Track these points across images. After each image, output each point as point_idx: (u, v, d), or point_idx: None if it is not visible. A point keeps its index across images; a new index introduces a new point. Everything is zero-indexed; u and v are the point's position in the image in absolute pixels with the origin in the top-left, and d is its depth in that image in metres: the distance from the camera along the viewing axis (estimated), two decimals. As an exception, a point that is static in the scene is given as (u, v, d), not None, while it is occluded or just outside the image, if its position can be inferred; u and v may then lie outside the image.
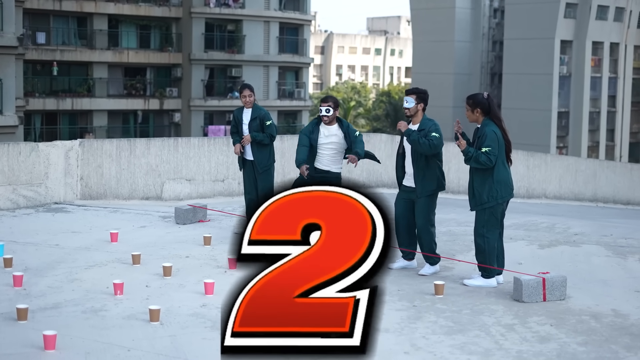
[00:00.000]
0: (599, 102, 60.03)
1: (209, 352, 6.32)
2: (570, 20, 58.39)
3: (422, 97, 8.76)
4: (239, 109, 10.80)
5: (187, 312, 7.34)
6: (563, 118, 59.03)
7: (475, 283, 8.34)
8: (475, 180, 8.06)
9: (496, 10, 65.42)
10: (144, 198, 13.56)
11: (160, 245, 10.09)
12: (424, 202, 8.70)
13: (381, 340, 6.65)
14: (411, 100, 8.68)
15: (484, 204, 8.03)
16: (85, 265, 8.98)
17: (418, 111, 8.72)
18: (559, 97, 58.46)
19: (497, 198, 8.02)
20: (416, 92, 8.79)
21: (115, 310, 7.36)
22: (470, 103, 8.12)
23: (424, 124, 8.66)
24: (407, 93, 8.81)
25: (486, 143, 7.88)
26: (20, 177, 12.42)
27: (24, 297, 7.69)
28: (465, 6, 64.44)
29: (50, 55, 44.63)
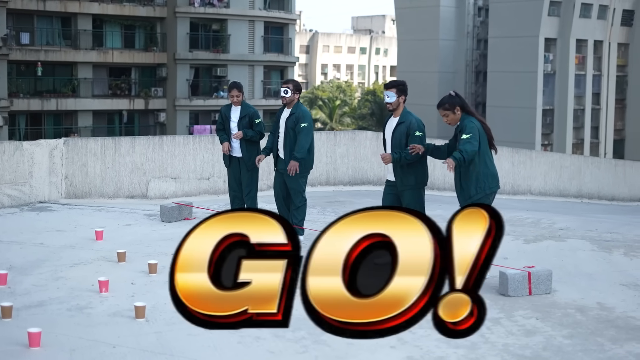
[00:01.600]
0: (583, 100, 60.27)
1: (194, 347, 6.31)
2: (554, 18, 58.59)
3: (403, 89, 8.68)
4: (226, 106, 10.80)
5: (173, 309, 7.26)
6: (548, 116, 59.23)
7: None
8: (462, 174, 7.92)
9: (480, 9, 65.58)
10: (129, 197, 13.50)
11: (146, 243, 10.06)
12: (408, 195, 8.64)
13: (367, 335, 6.67)
14: (392, 95, 8.59)
15: (472, 197, 7.86)
16: (70, 264, 8.94)
17: (400, 104, 8.64)
18: (544, 95, 58.66)
19: (485, 189, 7.90)
20: (396, 85, 8.69)
21: (101, 308, 7.33)
22: (446, 107, 7.96)
23: (405, 117, 8.59)
24: (386, 87, 8.70)
25: (465, 131, 7.77)
26: (4, 176, 12.35)
27: (9, 295, 7.65)
28: (449, 5, 64.55)
29: (34, 56, 44.44)
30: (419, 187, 8.67)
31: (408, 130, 8.48)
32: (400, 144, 8.51)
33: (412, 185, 8.60)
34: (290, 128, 9.79)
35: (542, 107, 58.44)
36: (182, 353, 6.19)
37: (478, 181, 7.83)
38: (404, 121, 8.55)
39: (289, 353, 6.23)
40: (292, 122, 9.80)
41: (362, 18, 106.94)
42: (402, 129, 8.52)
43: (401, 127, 8.53)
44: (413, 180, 8.59)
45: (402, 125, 8.53)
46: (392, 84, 8.69)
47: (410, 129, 8.47)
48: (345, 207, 13.54)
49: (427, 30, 64.43)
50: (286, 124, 9.79)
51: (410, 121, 8.53)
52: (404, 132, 8.50)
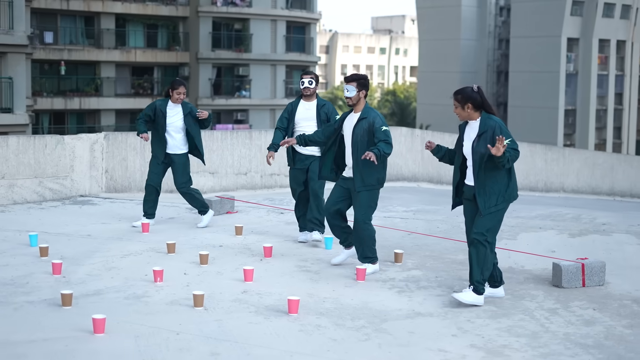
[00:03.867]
0: (605, 100, 60.03)
1: (256, 335, 6.34)
2: (576, 18, 58.39)
3: (363, 83, 8.27)
4: (162, 101, 10.39)
5: (230, 298, 7.35)
6: (570, 116, 59.04)
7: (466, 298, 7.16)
8: (488, 178, 7.07)
9: (502, 9, 65.43)
10: (168, 191, 13.54)
11: (192, 235, 10.12)
12: (364, 197, 8.18)
13: (427, 324, 6.71)
14: (352, 89, 8.19)
15: (497, 205, 7.09)
16: (120, 255, 9.00)
17: (360, 99, 8.25)
18: (566, 95, 58.48)
19: (509, 199, 7.19)
20: (356, 78, 8.27)
21: (158, 297, 7.37)
22: (459, 98, 7.14)
23: (366, 113, 8.21)
24: (346, 81, 8.30)
25: (505, 134, 6.97)
26: (46, 170, 12.44)
27: (65, 284, 7.71)
28: (471, 4, 64.46)
29: (57, 55, 44.71)
30: (378, 187, 8.29)
31: (370, 126, 8.12)
32: (363, 140, 8.12)
33: (372, 184, 8.19)
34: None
35: (564, 108, 58.26)
36: (246, 340, 6.22)
37: (507, 189, 7.13)
38: (365, 117, 8.20)
39: (352, 341, 6.25)
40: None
41: (382, 18, 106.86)
42: (363, 125, 8.16)
43: (363, 122, 8.17)
44: (375, 179, 8.19)
45: (363, 121, 8.18)
46: (352, 78, 8.29)
47: (375, 124, 8.12)
48: (384, 202, 13.55)
49: (448, 30, 64.36)
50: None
51: (373, 117, 8.18)
52: (366, 128, 8.13)
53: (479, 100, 7.08)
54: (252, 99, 49.88)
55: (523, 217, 12.25)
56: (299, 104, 9.54)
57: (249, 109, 50.01)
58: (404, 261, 8.91)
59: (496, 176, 7.05)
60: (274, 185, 14.88)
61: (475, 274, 7.14)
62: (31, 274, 8.09)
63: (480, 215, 7.10)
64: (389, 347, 6.12)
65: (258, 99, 50.04)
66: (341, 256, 8.72)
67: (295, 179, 9.70)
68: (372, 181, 8.18)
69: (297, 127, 9.48)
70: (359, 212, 8.23)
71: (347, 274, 8.32)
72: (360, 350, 6.05)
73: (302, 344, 6.16)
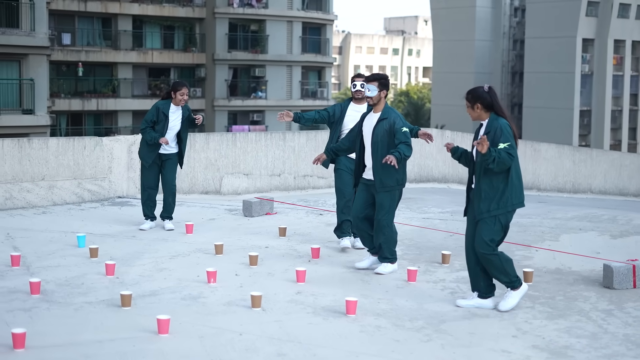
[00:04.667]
0: (621, 101, 59.94)
1: (318, 335, 6.40)
2: (591, 19, 58.32)
3: (385, 83, 8.22)
4: (164, 103, 10.31)
5: (285, 299, 7.42)
6: (585, 117, 58.97)
7: (513, 302, 7.12)
8: (485, 183, 6.91)
9: (517, 9, 65.39)
10: (204, 192, 13.64)
11: (236, 236, 10.19)
12: (385, 197, 8.20)
13: (485, 325, 6.75)
14: (374, 88, 8.15)
15: (491, 211, 6.89)
16: (168, 255, 9.08)
17: (381, 99, 8.22)
18: (581, 96, 58.42)
19: (507, 206, 6.90)
20: (378, 78, 8.23)
21: (214, 298, 7.44)
22: (469, 98, 7.04)
23: (387, 113, 8.20)
24: (368, 80, 8.24)
25: (503, 138, 6.79)
26: (85, 171, 12.53)
27: (120, 285, 7.79)
28: (485, 5, 64.44)
29: (75, 56, 44.87)
30: (398, 188, 8.26)
31: (391, 127, 8.09)
32: (383, 141, 8.11)
33: (391, 186, 8.19)
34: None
35: (579, 108, 58.20)
36: (309, 341, 6.28)
37: (503, 195, 6.87)
38: (386, 117, 8.16)
39: (414, 342, 6.31)
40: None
41: (395, 19, 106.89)
42: (384, 126, 8.13)
43: (383, 123, 8.14)
44: (394, 181, 8.19)
45: (384, 122, 8.14)
46: (373, 77, 8.24)
47: (395, 125, 8.09)
48: (418, 203, 13.62)
49: (463, 31, 64.35)
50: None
51: (393, 118, 8.15)
52: (387, 128, 8.11)
53: (489, 101, 6.95)
54: (268, 100, 49.95)
55: (560, 218, 12.28)
56: (348, 107, 9.28)
57: (265, 109, 50.08)
58: (451, 262, 8.96)
59: (492, 181, 6.88)
60: (307, 187, 14.95)
61: (502, 279, 7.07)
62: (84, 274, 8.17)
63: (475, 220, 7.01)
64: (452, 348, 6.17)
65: (274, 100, 50.11)
66: (365, 262, 8.62)
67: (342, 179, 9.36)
68: (391, 182, 8.17)
69: (345, 129, 9.18)
70: (380, 213, 8.24)
71: (397, 276, 8.37)
72: (424, 351, 6.10)
73: (366, 345, 6.22)
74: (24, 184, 12.03)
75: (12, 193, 11.92)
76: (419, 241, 10.15)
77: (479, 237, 6.96)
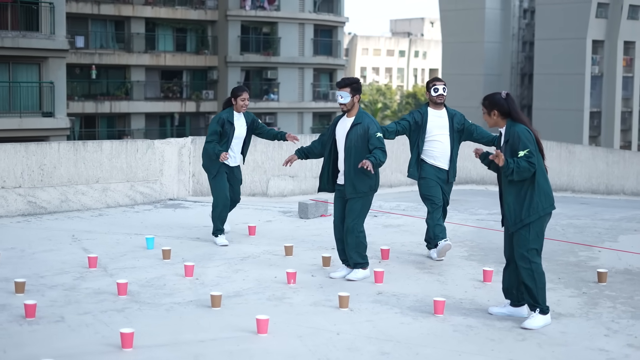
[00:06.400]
0: (630, 102, 60.08)
1: (414, 334, 6.50)
2: (601, 20, 58.45)
3: (357, 87, 8.03)
4: (227, 112, 9.78)
5: (369, 300, 7.52)
6: (595, 118, 59.09)
7: (536, 323, 6.73)
8: (509, 193, 6.74)
9: (526, 11, 65.51)
10: (251, 194, 13.75)
11: (300, 237, 10.30)
12: (356, 204, 8.04)
13: (573, 324, 6.85)
14: (346, 95, 7.96)
15: (524, 220, 6.69)
16: (238, 257, 9.18)
17: (354, 104, 8.03)
18: (591, 97, 58.52)
19: (539, 211, 6.68)
20: (349, 83, 8.02)
21: (298, 298, 7.54)
22: (486, 104, 6.85)
23: (360, 118, 8.01)
24: (339, 86, 8.01)
25: (522, 145, 6.62)
26: (137, 174, 12.65)
27: (201, 286, 7.89)
28: (494, 7, 64.56)
29: (88, 59, 45.00)
30: (371, 193, 8.10)
31: (365, 132, 7.94)
32: (357, 146, 7.94)
33: (364, 192, 8.03)
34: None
35: (589, 110, 58.30)
36: (407, 340, 6.38)
37: (532, 202, 6.67)
38: (360, 122, 7.99)
39: (510, 341, 6.41)
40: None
41: (401, 21, 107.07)
42: (358, 131, 7.96)
43: (357, 128, 7.97)
44: (367, 187, 8.03)
45: (358, 127, 7.97)
46: (344, 83, 8.03)
47: (370, 130, 7.93)
48: (463, 205, 13.73)
49: (472, 33, 64.46)
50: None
51: (367, 122, 7.99)
52: (361, 133, 7.95)
53: (506, 108, 6.73)
54: (280, 102, 50.07)
55: (608, 219, 12.39)
56: (428, 112, 8.97)
57: (277, 112, 50.20)
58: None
59: (519, 189, 6.70)
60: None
61: (534, 298, 6.77)
62: (163, 276, 8.27)
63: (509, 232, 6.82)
64: (549, 347, 6.27)
65: (286, 102, 50.24)
66: (341, 272, 8.35)
67: (431, 184, 9.00)
68: (364, 188, 8.01)
69: (430, 136, 8.91)
70: (350, 218, 8.05)
71: (471, 276, 8.48)
72: (523, 350, 6.20)
73: (463, 344, 6.32)
74: (79, 186, 12.15)
75: (67, 195, 12.03)
76: (480, 242, 10.26)
77: (517, 250, 6.75)
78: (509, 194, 6.73)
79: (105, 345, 6.09)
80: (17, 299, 7.29)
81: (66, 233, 10.36)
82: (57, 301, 7.28)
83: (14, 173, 11.63)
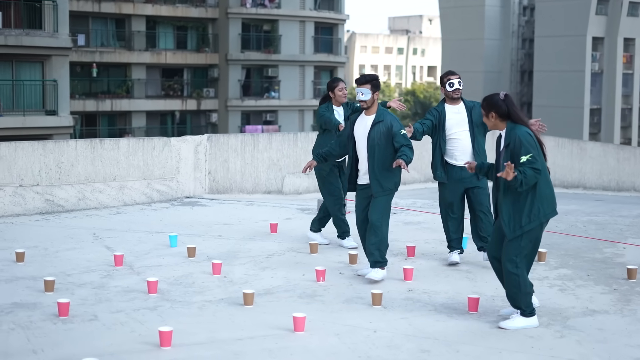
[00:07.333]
0: (630, 99, 60.11)
1: (451, 332, 6.47)
2: (601, 17, 58.46)
3: (376, 84, 7.86)
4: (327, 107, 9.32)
5: (400, 297, 7.49)
6: (595, 115, 59.12)
7: (515, 325, 6.58)
8: (507, 199, 6.49)
9: (525, 8, 65.52)
10: (266, 192, 13.71)
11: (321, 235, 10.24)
12: (382, 201, 7.91)
13: (609, 321, 6.82)
14: (367, 91, 7.78)
15: (524, 226, 6.44)
16: (263, 255, 9.14)
17: (374, 101, 7.87)
18: (591, 94, 58.53)
19: (540, 217, 6.44)
20: (369, 80, 7.85)
21: (329, 296, 7.51)
22: (484, 106, 6.59)
23: (382, 116, 7.86)
24: (359, 83, 7.86)
25: (524, 150, 6.35)
26: (154, 171, 12.61)
27: (230, 284, 7.86)
28: (494, 4, 64.55)
29: (89, 57, 44.89)
30: (394, 191, 7.99)
31: (389, 130, 7.77)
32: (380, 144, 7.78)
33: (390, 189, 7.90)
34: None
35: (589, 107, 58.31)
36: (445, 337, 6.35)
37: (532, 207, 6.43)
38: (382, 120, 7.81)
39: (549, 338, 6.38)
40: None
41: (399, 18, 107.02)
42: (381, 129, 7.79)
43: (380, 126, 7.79)
44: (393, 184, 7.91)
45: (380, 125, 7.80)
46: (364, 79, 7.85)
47: (394, 128, 7.77)
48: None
49: (471, 30, 64.46)
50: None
51: (390, 120, 7.82)
52: (384, 131, 7.77)
53: (504, 109, 6.49)
54: (281, 100, 50.02)
55: (626, 216, 12.38)
56: (445, 110, 8.58)
57: (278, 110, 50.16)
58: (547, 259, 9.04)
59: (519, 195, 6.44)
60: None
61: (517, 303, 6.61)
62: (190, 274, 8.23)
63: (507, 239, 6.54)
64: (589, 344, 6.24)
65: (287, 100, 50.19)
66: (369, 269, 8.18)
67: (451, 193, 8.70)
68: (390, 185, 7.88)
69: (449, 134, 8.55)
70: (376, 215, 7.88)
71: (499, 273, 8.44)
72: (563, 347, 6.17)
73: (502, 341, 6.29)
74: (96, 184, 12.10)
75: (84, 194, 11.98)
76: (503, 239, 10.22)
77: (506, 253, 6.52)
78: (507, 200, 6.47)
79: (143, 344, 6.05)
80: (47, 298, 7.25)
81: (86, 231, 10.31)
82: (87, 299, 7.24)
83: (31, 171, 11.59)
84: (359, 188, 8.07)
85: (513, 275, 6.50)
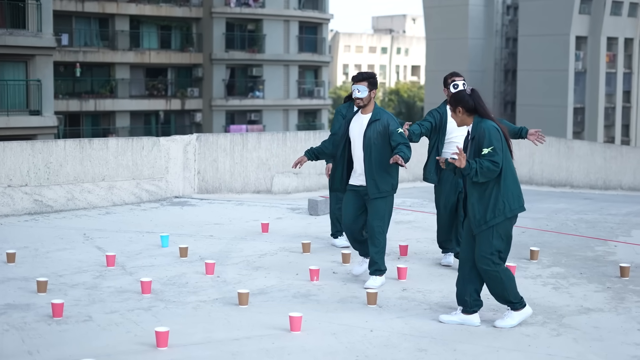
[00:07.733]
0: (614, 98, 60.38)
1: (448, 331, 6.46)
2: (584, 16, 58.70)
3: (374, 82, 7.69)
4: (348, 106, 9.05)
5: (395, 296, 7.48)
6: (579, 114, 59.35)
7: (511, 322, 6.59)
8: (473, 193, 6.46)
9: (509, 7, 65.73)
10: (256, 191, 13.67)
11: (313, 234, 10.23)
12: (379, 204, 7.67)
13: (605, 319, 6.84)
14: (363, 89, 7.62)
15: (488, 222, 6.38)
16: (255, 254, 9.11)
17: (371, 99, 7.70)
18: (574, 93, 58.76)
19: (506, 212, 6.37)
20: (367, 77, 7.69)
21: (324, 295, 7.49)
22: (451, 102, 6.54)
23: (379, 114, 7.68)
24: (356, 80, 7.68)
25: (486, 142, 6.29)
26: (143, 171, 12.54)
27: (224, 284, 7.83)
28: (478, 3, 64.71)
29: (73, 57, 44.69)
30: (392, 193, 7.75)
31: (385, 128, 7.58)
32: (376, 144, 7.59)
33: (387, 191, 7.67)
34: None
35: (573, 106, 58.54)
36: (442, 336, 6.35)
37: (497, 202, 6.36)
38: (378, 118, 7.63)
39: (545, 336, 6.39)
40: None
41: (383, 18, 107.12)
42: (377, 127, 7.60)
43: (376, 125, 7.61)
44: (389, 186, 7.67)
45: (377, 124, 7.61)
46: (361, 77, 7.69)
47: (390, 127, 7.57)
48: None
49: (455, 29, 64.59)
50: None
51: (386, 119, 7.63)
52: (380, 130, 7.59)
53: (471, 104, 6.43)
54: (266, 100, 49.97)
55: (615, 214, 12.42)
56: (447, 111, 8.33)
57: (263, 109, 50.11)
58: (539, 258, 9.05)
59: (483, 188, 6.41)
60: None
61: (502, 298, 6.61)
62: (183, 274, 8.19)
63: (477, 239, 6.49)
64: (586, 342, 6.25)
65: (271, 100, 50.14)
66: (361, 268, 8.11)
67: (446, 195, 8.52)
68: (387, 187, 7.65)
69: (448, 137, 8.40)
70: (376, 221, 7.67)
71: (493, 271, 8.44)
72: (561, 345, 6.18)
73: (499, 340, 6.29)
74: (85, 184, 12.03)
75: (73, 194, 11.91)
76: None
77: (478, 252, 6.45)
78: (473, 194, 6.44)
79: (140, 345, 6.02)
80: (40, 298, 7.20)
81: (76, 231, 10.24)
82: (81, 300, 7.19)
83: (20, 171, 11.51)
84: (351, 188, 7.83)
85: (492, 272, 6.44)
